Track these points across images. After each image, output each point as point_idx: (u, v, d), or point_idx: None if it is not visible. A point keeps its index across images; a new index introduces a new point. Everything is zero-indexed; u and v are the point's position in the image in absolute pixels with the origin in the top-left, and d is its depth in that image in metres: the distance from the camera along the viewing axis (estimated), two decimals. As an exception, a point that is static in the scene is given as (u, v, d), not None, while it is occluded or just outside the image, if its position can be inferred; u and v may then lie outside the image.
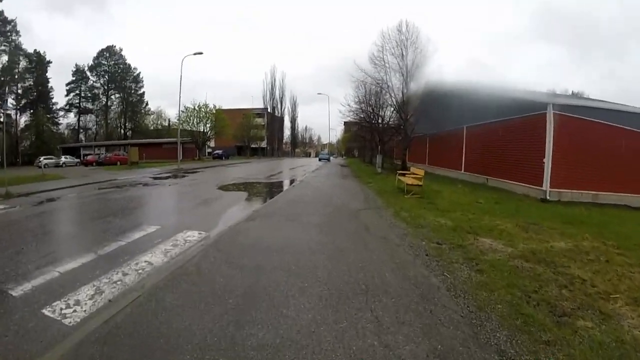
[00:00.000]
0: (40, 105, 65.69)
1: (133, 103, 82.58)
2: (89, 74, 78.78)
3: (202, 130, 57.05)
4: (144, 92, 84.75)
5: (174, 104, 58.09)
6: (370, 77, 25.88)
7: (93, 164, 44.79)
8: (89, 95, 78.81)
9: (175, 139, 39.45)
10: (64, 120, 76.06)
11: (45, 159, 44.76)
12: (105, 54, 79.95)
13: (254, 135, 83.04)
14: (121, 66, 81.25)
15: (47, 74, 68.87)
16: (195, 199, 13.37)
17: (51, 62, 69.09)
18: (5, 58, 59.76)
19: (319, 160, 58.19)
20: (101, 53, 79.79)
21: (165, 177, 22.43)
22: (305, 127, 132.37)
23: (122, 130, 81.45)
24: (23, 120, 64.75)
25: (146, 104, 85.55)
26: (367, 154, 47.11)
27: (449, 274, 4.85)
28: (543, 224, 8.35)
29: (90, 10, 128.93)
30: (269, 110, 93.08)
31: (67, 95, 76.55)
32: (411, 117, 24.74)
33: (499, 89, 18.09)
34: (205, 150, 65.08)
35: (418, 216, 8.81)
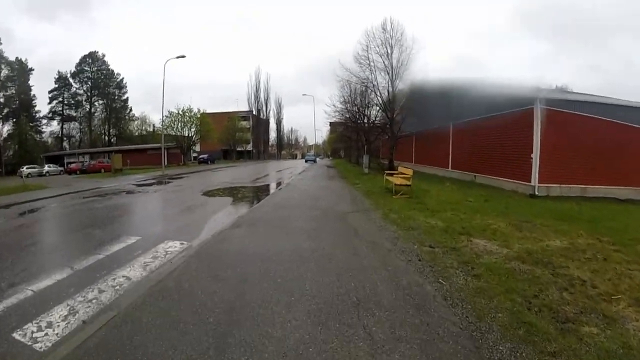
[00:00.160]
0: (22, 114, 64.16)
1: (117, 109, 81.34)
2: (71, 80, 77.37)
3: (187, 134, 56.45)
4: (127, 98, 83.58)
5: (159, 108, 57.50)
6: (355, 77, 25.64)
7: (77, 172, 43.95)
8: (72, 102, 77.30)
9: (160, 145, 38.79)
10: (47, 128, 74.57)
11: (28, 168, 44.31)
12: (87, 60, 78.54)
13: (239, 138, 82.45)
14: (104, 72, 79.95)
15: (29, 82, 67.63)
16: (178, 206, 13.00)
17: (33, 70, 67.75)
18: None
19: (306, 161, 58.09)
20: (84, 59, 78.37)
21: (149, 184, 21.96)
22: (291, 129, 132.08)
23: (107, 137, 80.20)
24: (5, 129, 63.22)
25: (130, 109, 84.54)
26: (354, 154, 46.98)
27: (445, 280, 4.62)
28: (536, 221, 8.21)
29: (73, 16, 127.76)
30: (254, 112, 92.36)
31: (50, 103, 75.21)
32: (397, 116, 24.60)
33: (485, 85, 17.98)
34: (190, 155, 64.43)
35: (408, 217, 8.59)
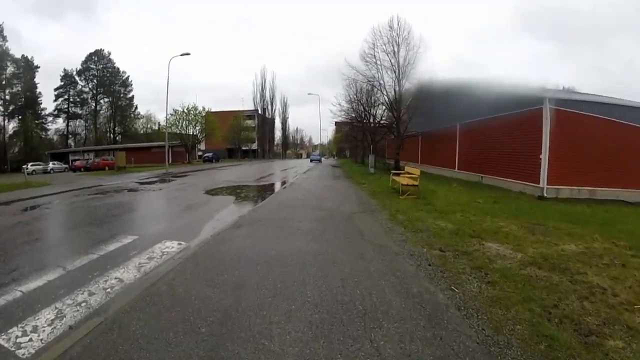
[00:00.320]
0: (28, 111, 64.73)
1: (122, 107, 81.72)
2: (77, 78, 77.73)
3: (192, 133, 56.31)
4: (133, 96, 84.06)
5: (164, 107, 57.42)
6: (361, 75, 25.33)
7: (81, 169, 43.83)
8: (78, 100, 77.63)
9: (164, 143, 38.60)
10: (53, 125, 74.85)
11: (32, 165, 44.29)
12: (93, 58, 78.91)
13: (244, 137, 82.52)
14: (110, 70, 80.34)
15: (35, 80, 67.82)
16: (179, 204, 12.73)
17: (39, 68, 68.02)
18: None
19: (311, 161, 57.93)
20: (89, 57, 78.74)
21: (152, 182, 21.71)
22: (297, 129, 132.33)
23: (112, 135, 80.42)
24: (11, 126, 63.95)
25: (135, 107, 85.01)
26: (359, 153, 46.82)
27: (457, 287, 4.30)
28: (548, 224, 7.91)
29: (79, 15, 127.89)
30: (260, 111, 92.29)
31: (56, 101, 75.51)
32: (404, 115, 24.29)
33: (492, 85, 17.79)
34: (195, 153, 64.42)
35: (416, 219, 8.25)
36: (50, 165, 48.15)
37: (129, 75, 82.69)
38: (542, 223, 7.99)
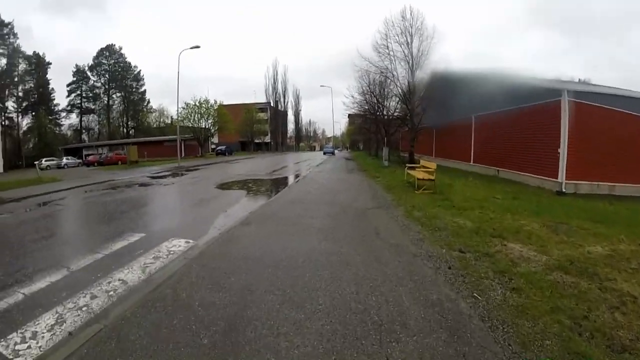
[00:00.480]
0: (41, 107, 65.75)
1: (134, 101, 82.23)
2: (89, 73, 78.45)
3: (204, 126, 56.31)
4: (145, 90, 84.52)
5: (177, 101, 57.35)
6: (374, 66, 24.95)
7: (94, 164, 44.26)
8: (90, 95, 78.38)
9: (177, 137, 38.55)
10: (66, 121, 76.07)
11: (46, 160, 44.85)
12: (105, 53, 79.47)
13: (257, 130, 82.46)
14: (121, 65, 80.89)
15: (48, 76, 69.01)
16: (189, 199, 12.59)
17: (51, 64, 69.19)
18: (4, 61, 59.77)
19: (324, 154, 57.72)
20: (101, 52, 79.37)
21: (163, 176, 21.63)
22: (309, 121, 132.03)
23: (125, 129, 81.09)
24: (25, 122, 64.99)
25: (148, 102, 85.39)
26: (372, 146, 46.40)
27: (480, 294, 3.97)
28: (571, 223, 7.51)
29: (89, 10, 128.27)
30: (272, 104, 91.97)
31: (69, 96, 76.48)
32: (418, 107, 23.90)
33: (508, 76, 17.39)
34: (208, 146, 64.49)
35: (433, 216, 7.90)
36: (64, 160, 48.62)
37: (140, 70, 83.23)
38: (565, 222, 7.61)
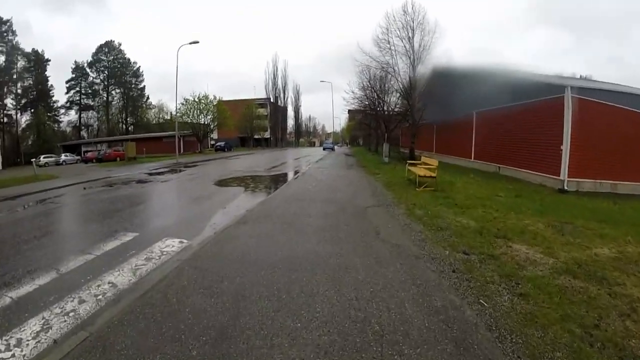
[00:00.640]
0: (40, 104, 65.67)
1: (134, 98, 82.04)
2: (88, 70, 78.20)
3: (203, 122, 56.06)
4: (144, 86, 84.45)
5: (177, 98, 57.23)
6: (375, 61, 24.70)
7: (93, 160, 43.99)
8: (90, 91, 78.22)
9: (175, 132, 38.33)
10: (66, 117, 76.00)
11: (44, 157, 45.14)
12: (104, 49, 79.22)
13: (256, 125, 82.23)
14: (120, 61, 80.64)
15: (47, 73, 69.11)
16: (186, 197, 12.42)
17: (50, 61, 69.14)
18: (2, 59, 59.87)
19: (323, 149, 57.30)
20: (100, 49, 79.10)
21: (161, 173, 21.44)
22: (309, 117, 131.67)
23: (124, 126, 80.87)
24: (24, 119, 65.14)
25: (147, 98, 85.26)
26: (372, 142, 46.30)
27: (486, 301, 3.76)
28: (576, 223, 7.32)
29: (89, 6, 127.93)
30: (272, 100, 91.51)
31: (68, 93, 76.35)
32: (419, 103, 23.70)
33: (510, 71, 17.22)
34: (208, 142, 64.30)
35: (435, 215, 7.68)
36: (62, 157, 48.45)
37: (139, 66, 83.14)
38: (570, 221, 7.41)
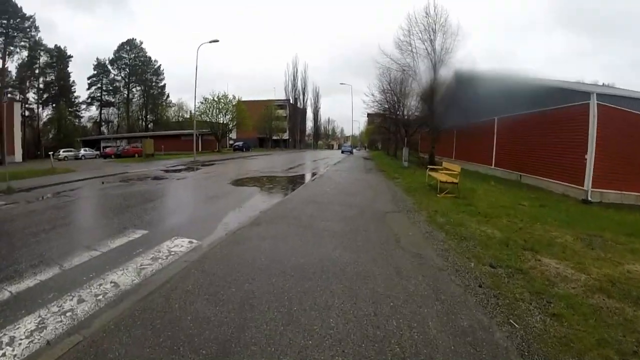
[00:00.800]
0: (61, 99, 67.27)
1: (154, 95, 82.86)
2: (109, 67, 79.49)
3: (222, 121, 56.15)
4: (164, 85, 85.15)
5: (197, 96, 57.62)
6: (396, 63, 24.35)
7: (111, 156, 44.61)
8: (110, 88, 79.46)
9: (194, 131, 38.35)
10: (86, 113, 77.27)
11: (64, 151, 45.74)
12: (125, 47, 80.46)
13: (275, 126, 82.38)
14: (142, 59, 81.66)
15: (69, 69, 70.65)
16: (200, 195, 12.23)
17: (72, 57, 70.65)
18: (25, 53, 61.03)
19: (342, 152, 57.32)
20: (122, 46, 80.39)
21: (178, 170, 21.37)
22: (328, 119, 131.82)
23: (144, 123, 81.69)
24: (45, 114, 66.64)
25: (167, 96, 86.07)
26: (391, 146, 45.90)
27: (517, 321, 3.40)
28: (605, 236, 6.91)
29: (111, 6, 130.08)
30: (291, 101, 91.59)
31: (89, 89, 77.63)
32: (440, 107, 23.22)
33: (532, 78, 16.86)
34: (226, 142, 64.48)
35: (458, 223, 7.28)
36: (82, 151, 48.94)
37: (160, 64, 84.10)
38: (599, 234, 7.00)
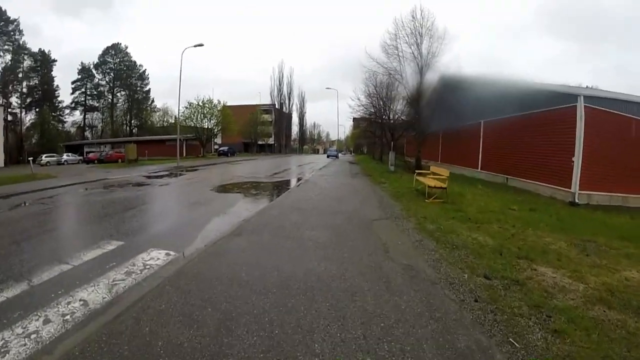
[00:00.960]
0: (45, 104, 66.30)
1: (139, 100, 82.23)
2: (94, 71, 78.70)
3: (207, 126, 55.74)
4: (149, 89, 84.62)
5: (182, 101, 57.22)
6: (382, 67, 24.59)
7: (95, 161, 43.89)
8: (95, 93, 78.60)
9: (177, 136, 37.86)
10: (70, 118, 76.26)
11: (47, 157, 45.44)
12: (110, 51, 79.88)
13: (261, 131, 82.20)
14: (126, 63, 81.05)
15: (53, 73, 69.66)
16: (181, 203, 11.89)
17: (56, 61, 69.81)
18: (8, 57, 60.48)
19: (327, 157, 57.30)
20: (106, 51, 79.77)
21: (160, 176, 20.87)
22: (314, 124, 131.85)
23: (128, 128, 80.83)
24: (28, 118, 65.63)
25: (152, 101, 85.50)
26: (377, 150, 45.94)
27: (517, 339, 3.16)
28: (598, 240, 6.83)
29: (97, 10, 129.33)
30: (277, 106, 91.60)
31: (73, 94, 76.70)
32: (426, 111, 23.28)
33: (518, 81, 17.15)
34: (211, 147, 64.10)
35: (449, 230, 7.05)
36: (64, 157, 48.49)
37: (145, 69, 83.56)
38: (592, 239, 6.88)
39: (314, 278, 4.53)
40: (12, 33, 60.23)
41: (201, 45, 32.87)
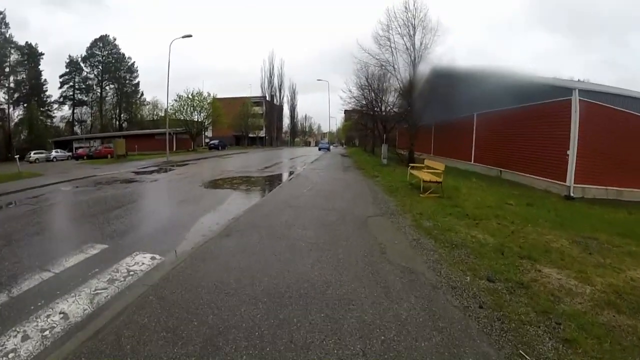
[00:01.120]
0: (33, 99, 64.81)
1: (128, 94, 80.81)
2: (82, 65, 76.93)
3: (197, 119, 55.18)
4: (139, 82, 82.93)
5: (171, 94, 56.51)
6: (374, 58, 24.18)
7: (84, 157, 43.54)
8: (83, 86, 76.94)
9: (169, 129, 37.37)
10: (59, 113, 74.67)
11: (35, 153, 44.67)
12: (98, 43, 78.03)
13: (252, 124, 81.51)
14: (115, 56, 79.42)
15: (40, 67, 67.93)
16: (169, 200, 11.63)
17: (44, 55, 68.13)
18: None
19: (319, 149, 56.88)
20: (94, 43, 77.87)
21: (149, 172, 20.57)
22: (305, 116, 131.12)
23: (118, 122, 79.69)
24: (16, 114, 64.05)
25: (141, 94, 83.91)
26: (369, 143, 45.52)
27: (527, 351, 2.94)
28: (599, 237, 6.67)
29: (86, 2, 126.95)
30: (268, 98, 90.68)
31: (61, 88, 75.03)
32: (418, 103, 23.04)
33: (512, 73, 17.05)
34: (202, 140, 63.52)
35: (446, 227, 6.81)
36: (53, 153, 47.72)
37: (134, 62, 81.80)
38: (593, 236, 6.71)
39: (307, 284, 4.25)
40: (-2, 26, 58.74)
41: (189, 36, 32.45)
